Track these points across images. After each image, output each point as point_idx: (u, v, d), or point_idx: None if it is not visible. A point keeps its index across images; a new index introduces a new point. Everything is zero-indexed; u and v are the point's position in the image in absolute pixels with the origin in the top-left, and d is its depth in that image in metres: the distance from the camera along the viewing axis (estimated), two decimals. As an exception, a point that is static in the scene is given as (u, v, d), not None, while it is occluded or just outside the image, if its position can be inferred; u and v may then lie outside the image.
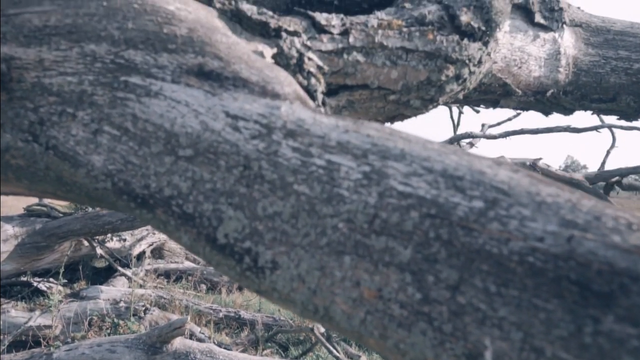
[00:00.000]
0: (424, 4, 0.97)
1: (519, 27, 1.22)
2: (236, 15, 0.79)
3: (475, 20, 0.96)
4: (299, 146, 0.60)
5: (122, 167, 0.65)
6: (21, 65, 0.70)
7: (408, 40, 0.89)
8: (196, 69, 0.68)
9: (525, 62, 1.22)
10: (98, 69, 0.68)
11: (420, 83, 0.93)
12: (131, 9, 0.70)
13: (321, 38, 0.83)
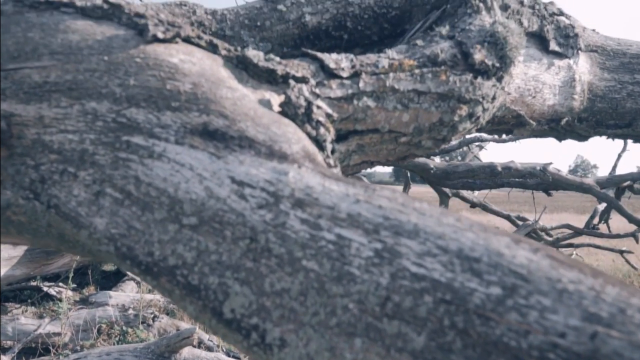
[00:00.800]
0: (436, 40, 0.94)
1: (533, 55, 1.18)
2: (242, 62, 0.77)
3: (489, 57, 0.93)
4: (307, 218, 0.57)
5: (125, 232, 0.63)
6: (21, 122, 0.68)
7: (420, 82, 0.86)
8: (200, 128, 0.65)
9: (539, 91, 1.19)
10: (99, 127, 0.66)
11: (432, 124, 0.90)
12: (133, 64, 0.68)
13: (330, 84, 0.80)
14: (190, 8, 0.91)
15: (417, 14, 1.03)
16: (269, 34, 0.94)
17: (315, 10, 0.96)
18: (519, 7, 1.10)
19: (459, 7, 1.01)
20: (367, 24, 1.01)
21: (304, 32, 0.96)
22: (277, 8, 0.95)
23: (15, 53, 0.68)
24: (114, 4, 0.73)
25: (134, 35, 0.71)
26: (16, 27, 0.70)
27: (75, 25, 0.70)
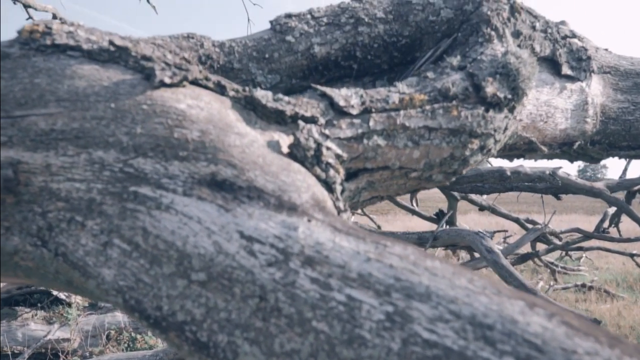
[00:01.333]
0: (447, 72, 0.92)
1: (545, 80, 1.16)
2: (250, 103, 0.76)
3: (502, 89, 0.91)
4: (317, 277, 0.56)
5: (134, 284, 0.63)
6: (28, 170, 0.67)
7: (431, 118, 0.84)
8: (209, 179, 0.64)
9: (551, 116, 1.17)
10: (107, 177, 0.65)
11: (443, 159, 0.89)
12: (140, 111, 0.67)
13: (340, 124, 0.79)
14: (197, 41, 0.90)
15: (427, 41, 1.02)
16: (278, 66, 0.93)
17: (325, 40, 0.95)
18: (531, 32, 1.09)
19: (470, 36, 0.99)
20: (376, 53, 0.99)
21: (312, 63, 0.95)
22: (285, 39, 0.93)
23: (22, 100, 0.68)
24: (120, 47, 0.72)
25: (140, 80, 0.70)
26: (23, 72, 0.69)
27: (82, 71, 0.69)
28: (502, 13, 1.02)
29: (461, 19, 1.01)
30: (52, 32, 0.72)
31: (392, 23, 0.99)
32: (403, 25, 1.00)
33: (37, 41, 0.72)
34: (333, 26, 0.96)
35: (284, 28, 0.94)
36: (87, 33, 0.75)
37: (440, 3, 1.01)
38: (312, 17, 0.97)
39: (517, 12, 1.05)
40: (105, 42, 0.73)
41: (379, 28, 0.98)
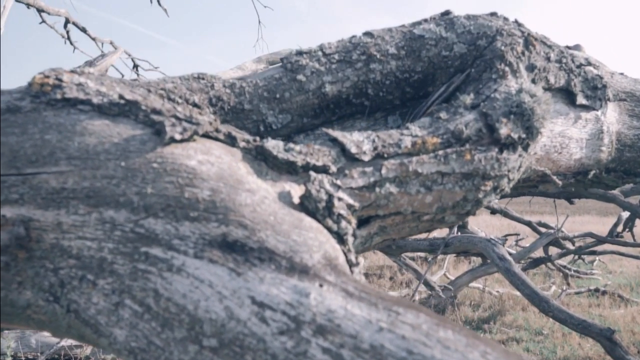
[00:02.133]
0: (460, 112, 0.91)
1: (560, 110, 1.15)
2: (261, 154, 0.75)
3: (516, 130, 0.90)
4: (329, 347, 0.56)
5: (145, 347, 0.62)
6: (40, 227, 0.67)
7: (444, 163, 0.83)
8: (220, 240, 0.64)
9: (565, 146, 1.15)
10: (118, 237, 0.65)
11: (456, 202, 0.88)
12: (150, 170, 0.67)
13: (352, 173, 0.78)
14: (208, 82, 0.89)
15: (440, 76, 1.01)
16: (289, 105, 0.92)
17: (336, 78, 0.94)
18: (545, 63, 1.07)
19: (483, 72, 0.98)
20: (389, 89, 0.98)
21: (324, 102, 0.95)
22: (296, 78, 0.93)
23: (33, 157, 0.68)
24: (130, 101, 0.71)
25: (151, 136, 0.69)
26: (34, 127, 0.69)
27: (92, 126, 0.69)
28: (517, 47, 1.01)
29: (474, 54, 1.00)
30: (63, 86, 0.72)
31: (405, 59, 0.98)
32: (415, 61, 0.99)
33: (48, 94, 0.72)
34: (344, 63, 0.95)
35: (295, 66, 0.94)
36: (97, 83, 0.75)
37: (453, 38, 1.00)
38: (324, 54, 0.96)
39: (531, 45, 1.03)
40: (116, 94, 0.72)
41: (391, 64, 0.97)
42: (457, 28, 1.02)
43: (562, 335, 4.88)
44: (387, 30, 1.03)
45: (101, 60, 3.50)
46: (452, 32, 1.01)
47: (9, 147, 0.69)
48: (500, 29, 1.01)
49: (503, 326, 5.23)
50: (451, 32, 1.01)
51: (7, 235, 0.67)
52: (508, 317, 5.48)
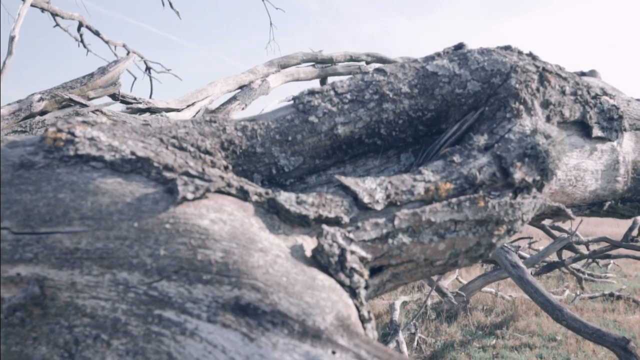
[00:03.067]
0: (473, 154, 0.90)
1: (575, 143, 1.13)
2: (273, 207, 0.75)
3: (530, 173, 0.89)
4: (342, 421, 0.55)
5: (157, 411, 0.62)
6: (54, 285, 0.67)
7: (457, 211, 0.83)
8: (232, 303, 0.64)
9: (580, 179, 1.14)
10: (131, 299, 0.65)
11: (469, 248, 0.87)
12: (163, 231, 0.67)
13: (364, 226, 0.78)
14: (220, 125, 0.89)
15: (453, 113, 1.00)
16: (301, 148, 0.92)
17: (348, 119, 0.94)
18: (560, 98, 1.06)
19: (497, 111, 0.97)
20: (401, 128, 0.98)
21: (336, 143, 0.94)
22: (308, 120, 0.92)
23: (47, 216, 0.68)
24: (142, 157, 0.71)
25: (163, 194, 0.69)
26: (47, 185, 0.69)
27: (105, 185, 0.69)
28: (531, 84, 0.99)
29: (488, 92, 0.98)
30: (75, 141, 0.72)
31: (418, 97, 0.97)
32: (429, 99, 0.98)
33: (61, 150, 0.72)
34: (357, 103, 0.95)
35: (307, 107, 0.93)
36: (109, 136, 0.75)
37: (467, 75, 0.99)
38: (336, 94, 0.96)
39: (546, 81, 1.02)
40: (128, 150, 0.72)
41: (404, 103, 0.96)
42: (471, 64, 1.01)
43: (576, 342, 4.84)
44: (400, 67, 1.02)
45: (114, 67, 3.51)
46: (465, 68, 1.00)
47: (23, 205, 0.69)
48: (514, 66, 1.00)
49: (516, 331, 5.20)
50: (465, 68, 1.00)
51: (22, 293, 0.68)
52: (521, 322, 5.45)
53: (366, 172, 0.99)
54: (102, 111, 2.97)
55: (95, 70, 3.14)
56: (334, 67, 4.94)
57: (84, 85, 3.01)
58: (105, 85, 3.16)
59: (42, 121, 2.76)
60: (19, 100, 2.86)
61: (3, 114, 2.76)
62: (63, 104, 2.90)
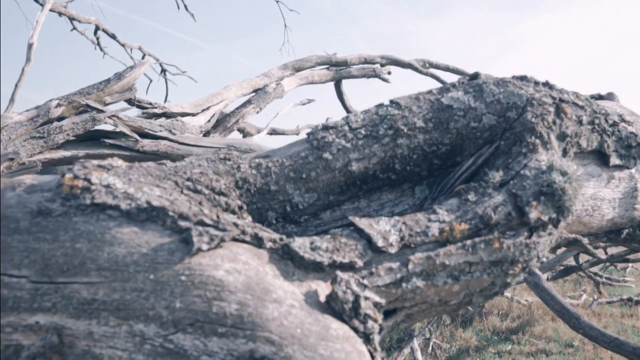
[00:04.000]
0: (488, 192, 0.90)
1: (592, 172, 1.12)
2: (287, 254, 0.75)
3: (546, 211, 0.88)
4: None
5: None
6: (72, 334, 0.68)
7: (472, 253, 0.82)
8: (247, 356, 0.64)
9: (597, 208, 1.13)
10: (148, 350, 0.66)
11: (483, 288, 0.86)
12: (179, 283, 0.67)
13: (378, 271, 0.78)
14: (234, 163, 0.89)
15: (468, 146, 0.99)
16: (315, 185, 0.92)
17: (362, 155, 0.93)
18: (577, 128, 1.04)
19: (513, 145, 0.96)
20: (416, 162, 0.97)
21: (350, 179, 0.94)
22: (322, 156, 0.92)
23: (65, 266, 0.69)
24: (157, 207, 0.72)
25: (178, 244, 0.70)
26: (64, 234, 0.70)
27: (121, 235, 0.70)
28: (548, 117, 0.98)
29: (504, 125, 0.98)
30: (92, 189, 0.73)
31: (432, 132, 0.97)
32: (443, 133, 0.97)
33: (78, 198, 0.73)
34: (371, 139, 0.95)
35: (321, 143, 0.93)
36: (124, 182, 0.76)
37: (482, 108, 0.98)
38: (350, 129, 0.96)
39: (562, 113, 1.01)
40: (143, 198, 0.73)
41: (418, 138, 0.96)
42: (486, 97, 1.00)
43: (593, 348, 4.79)
44: (414, 99, 1.01)
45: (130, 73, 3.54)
46: (481, 101, 1.00)
47: (41, 254, 0.70)
48: (530, 98, 0.99)
49: (532, 337, 5.16)
50: (480, 101, 1.00)
51: (41, 342, 0.69)
52: (537, 327, 5.41)
53: (380, 206, 0.99)
54: (118, 116, 3.00)
55: (112, 76, 3.17)
56: (348, 69, 4.93)
57: (101, 91, 3.04)
58: (121, 91, 3.19)
59: (59, 127, 2.80)
60: (37, 106, 2.90)
61: (21, 120, 2.80)
62: (80, 110, 2.94)
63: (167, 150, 3.21)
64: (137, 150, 3.10)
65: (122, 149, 3.07)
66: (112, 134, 2.97)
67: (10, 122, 2.77)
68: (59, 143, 2.84)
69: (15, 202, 0.75)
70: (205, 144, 3.33)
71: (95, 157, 3.04)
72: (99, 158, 3.28)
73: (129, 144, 3.07)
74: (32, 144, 2.80)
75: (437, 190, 0.99)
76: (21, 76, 3.33)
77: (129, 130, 3.04)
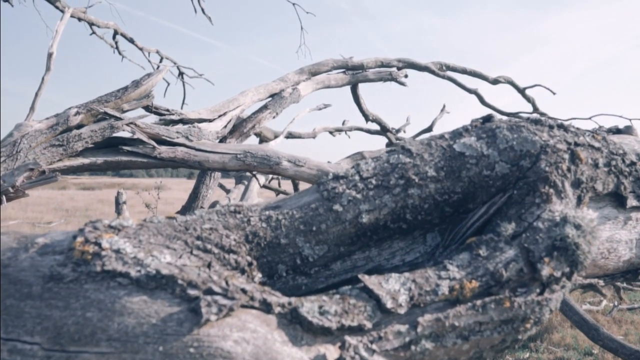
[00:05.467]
0: (500, 247, 0.89)
1: (608, 215, 1.10)
2: (296, 318, 0.75)
3: (559, 266, 0.87)
4: None
5: None
6: (82, 402, 0.69)
7: (482, 314, 0.82)
8: None
9: (614, 250, 1.11)
10: (156, 423, 0.67)
11: (494, 345, 0.86)
12: (187, 355, 0.68)
13: (387, 335, 0.77)
14: (244, 216, 0.90)
15: (481, 194, 0.98)
16: (325, 237, 0.92)
17: (373, 206, 0.93)
18: (592, 172, 1.03)
19: (526, 195, 0.95)
20: (427, 211, 0.97)
21: (360, 230, 0.94)
22: (332, 208, 0.92)
23: (76, 335, 0.70)
24: (166, 275, 0.73)
25: (187, 314, 0.70)
26: (76, 302, 0.71)
27: (131, 304, 0.71)
28: (562, 165, 0.97)
29: (517, 174, 0.97)
30: (102, 254, 0.74)
31: (444, 181, 0.96)
32: (455, 182, 0.96)
33: (88, 264, 0.74)
34: (382, 189, 0.94)
35: (332, 194, 0.93)
36: (134, 244, 0.77)
37: (495, 156, 0.97)
38: (361, 178, 0.95)
39: (578, 159, 0.99)
40: (153, 265, 0.74)
41: (429, 188, 0.95)
42: (499, 143, 0.99)
43: (612, 357, 4.74)
44: (426, 146, 1.01)
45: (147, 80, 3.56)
46: (493, 148, 0.98)
47: (53, 321, 0.71)
48: (544, 146, 0.98)
49: (550, 345, 5.12)
50: (493, 148, 0.98)
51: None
52: (556, 335, 5.35)
53: (392, 254, 0.98)
54: (136, 124, 3.03)
55: (129, 83, 3.20)
56: (365, 73, 4.91)
57: (119, 99, 3.08)
58: (139, 98, 3.22)
59: (78, 135, 2.83)
60: (57, 114, 2.94)
61: (41, 128, 2.84)
62: (98, 117, 2.97)
63: (184, 156, 3.23)
64: (154, 157, 3.13)
65: (140, 156, 3.11)
66: (130, 141, 3.00)
67: (31, 130, 2.81)
68: (77, 150, 2.88)
69: (28, 265, 0.76)
70: (222, 150, 3.35)
71: (113, 164, 3.08)
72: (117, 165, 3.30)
73: (147, 151, 3.10)
74: (52, 151, 2.84)
75: (448, 238, 0.98)
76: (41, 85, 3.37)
77: (146, 138, 3.07)
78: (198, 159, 3.30)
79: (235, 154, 3.39)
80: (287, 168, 3.43)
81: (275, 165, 3.36)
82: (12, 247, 0.80)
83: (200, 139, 3.52)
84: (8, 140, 2.84)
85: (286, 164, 3.43)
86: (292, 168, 3.46)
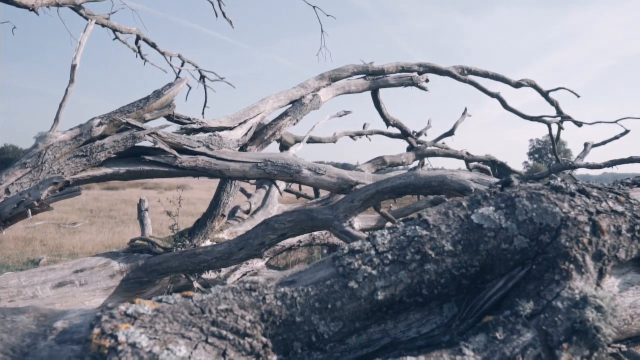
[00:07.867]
0: (518, 330, 0.87)
1: (632, 281, 1.08)
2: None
3: (578, 351, 0.85)
4: None
5: None
6: None
7: (499, 405, 0.81)
8: None
9: (637, 316, 1.09)
10: None
11: None
12: None
13: None
14: (260, 294, 0.90)
15: (499, 266, 0.97)
16: (341, 314, 0.91)
17: (389, 282, 0.92)
18: (615, 241, 1.00)
19: (545, 272, 0.93)
20: (444, 286, 0.95)
21: (376, 306, 0.93)
22: (348, 285, 0.91)
23: None
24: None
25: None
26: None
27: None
28: (583, 239, 0.95)
29: (536, 249, 0.95)
30: (118, 349, 0.75)
31: (462, 255, 0.95)
32: (473, 255, 0.95)
33: (105, 359, 0.74)
34: (398, 265, 0.93)
35: (347, 270, 0.93)
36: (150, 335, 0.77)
37: (514, 229, 0.96)
38: (377, 253, 0.94)
39: (599, 230, 0.97)
40: None
41: (447, 262, 0.94)
42: (519, 215, 0.97)
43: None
44: (443, 216, 0.99)
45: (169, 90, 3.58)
46: (512, 220, 0.97)
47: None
48: (565, 219, 0.96)
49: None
50: (512, 220, 0.97)
51: None
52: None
53: (408, 327, 0.97)
54: (157, 134, 3.06)
55: (151, 93, 3.22)
56: (385, 78, 4.87)
57: (141, 109, 3.11)
58: (160, 108, 3.25)
59: (101, 145, 2.87)
60: (80, 125, 2.98)
61: (66, 139, 2.88)
62: (121, 128, 3.00)
63: (205, 165, 3.25)
64: (176, 166, 3.16)
65: (162, 166, 3.14)
66: (152, 150, 3.03)
67: (55, 142, 2.85)
68: (101, 161, 2.91)
69: (47, 355, 0.77)
70: (243, 159, 3.37)
71: (136, 174, 3.12)
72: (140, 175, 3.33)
73: (169, 161, 3.13)
74: (76, 162, 2.88)
75: (465, 311, 0.97)
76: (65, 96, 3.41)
77: (168, 147, 3.10)
78: (219, 168, 3.32)
79: (256, 162, 3.40)
80: (308, 176, 3.43)
81: (295, 173, 3.37)
82: (32, 332, 0.82)
83: (221, 148, 3.54)
84: (33, 151, 2.89)
85: (307, 172, 3.43)
86: (313, 176, 3.46)
